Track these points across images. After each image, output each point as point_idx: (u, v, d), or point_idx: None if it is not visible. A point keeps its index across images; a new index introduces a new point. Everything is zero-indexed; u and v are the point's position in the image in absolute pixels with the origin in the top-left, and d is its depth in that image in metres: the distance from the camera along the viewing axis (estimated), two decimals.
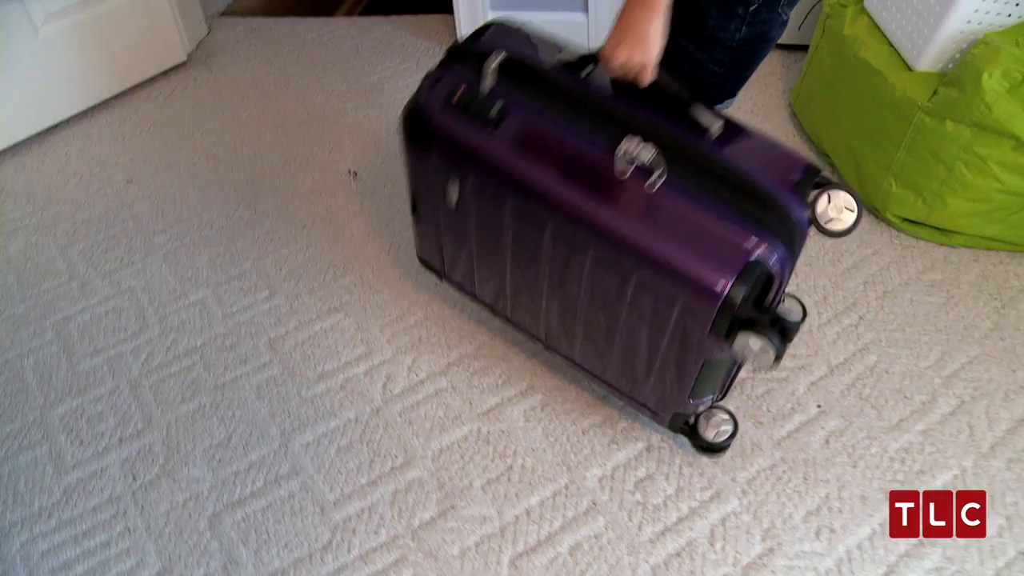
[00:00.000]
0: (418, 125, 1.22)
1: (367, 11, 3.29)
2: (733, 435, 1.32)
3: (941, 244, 1.71)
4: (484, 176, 1.17)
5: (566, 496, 1.34)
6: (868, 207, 1.79)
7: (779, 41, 1.25)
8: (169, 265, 1.81)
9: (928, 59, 1.62)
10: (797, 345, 1.53)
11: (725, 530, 1.29)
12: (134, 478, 1.42)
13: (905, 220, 1.72)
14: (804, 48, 2.16)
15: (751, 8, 1.17)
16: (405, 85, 2.25)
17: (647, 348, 1.17)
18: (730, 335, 1.03)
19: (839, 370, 1.50)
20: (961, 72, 1.53)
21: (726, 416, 1.34)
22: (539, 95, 1.15)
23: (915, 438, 1.39)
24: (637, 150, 1.05)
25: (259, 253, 1.81)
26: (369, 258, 1.77)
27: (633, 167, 1.06)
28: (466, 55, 1.22)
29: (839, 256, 1.70)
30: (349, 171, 1.99)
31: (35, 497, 1.42)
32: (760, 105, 2.11)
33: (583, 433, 1.42)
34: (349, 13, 3.29)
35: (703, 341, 1.07)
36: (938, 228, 1.70)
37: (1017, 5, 1.54)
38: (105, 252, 1.86)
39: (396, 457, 1.41)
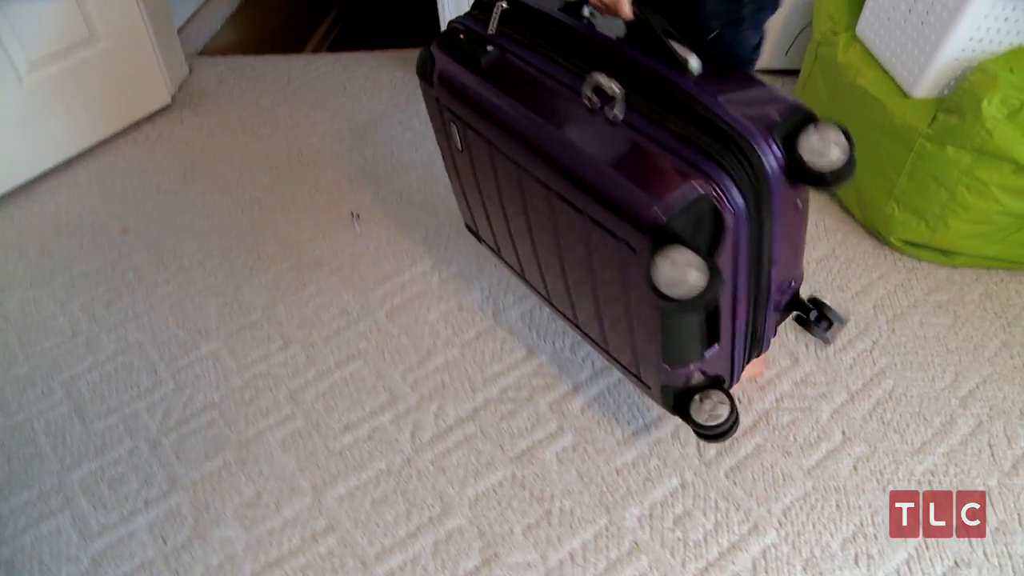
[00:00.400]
0: (426, 70, 1.27)
1: (334, 47, 3.29)
2: (730, 422, 1.21)
3: (943, 265, 1.76)
4: (474, 116, 1.19)
5: (607, 537, 1.35)
6: (870, 231, 1.83)
7: (767, 67, 1.26)
8: (176, 317, 1.79)
9: (925, 86, 1.66)
10: (816, 373, 1.56)
11: (767, 563, 1.31)
12: (164, 541, 1.40)
13: (908, 243, 1.76)
14: (793, 73, 2.20)
15: (711, 36, 1.18)
16: (398, 122, 2.25)
17: (618, 302, 1.14)
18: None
19: (859, 396, 1.52)
20: (959, 99, 1.57)
21: (724, 400, 1.22)
22: (534, 38, 1.17)
23: (939, 460, 1.43)
24: (602, 84, 1.03)
25: (268, 301, 1.79)
26: (381, 301, 1.77)
27: (599, 102, 1.05)
28: (485, 3, 1.24)
29: (846, 282, 1.73)
30: (352, 213, 1.98)
31: (62, 567, 1.39)
32: None
33: (617, 473, 1.43)
34: (316, 50, 3.30)
35: (649, 282, 0.96)
36: (940, 249, 1.74)
37: (1008, 33, 1.58)
38: (107, 306, 1.83)
39: (433, 507, 1.41)
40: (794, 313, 1.30)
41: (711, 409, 1.22)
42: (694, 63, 1.02)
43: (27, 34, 2.08)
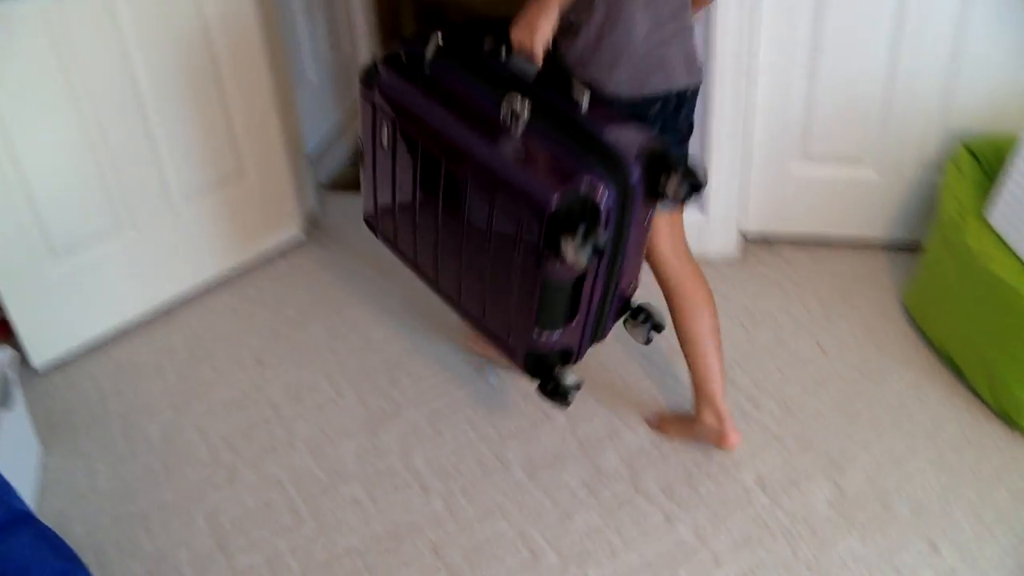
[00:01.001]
0: (369, 79, 1.57)
1: None
2: (578, 385, 1.51)
3: None
4: (407, 118, 1.49)
5: None
6: (1001, 415, 1.84)
7: (884, 239, 1.35)
8: (314, 456, 1.84)
9: None
10: (961, 568, 1.55)
11: None
12: None
13: None
14: (911, 248, 2.26)
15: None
16: None
17: (506, 272, 1.40)
18: (555, 247, 1.25)
19: None
20: None
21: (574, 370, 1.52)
22: (462, 66, 1.50)
23: None
24: (515, 103, 1.34)
25: (404, 447, 1.84)
26: (518, 457, 1.80)
27: (512, 117, 1.34)
28: (423, 37, 1.54)
29: (979, 465, 1.73)
30: (483, 364, 2.03)
31: None
32: (873, 304, 2.18)
33: None
34: None
35: (539, 254, 1.30)
36: None
37: None
38: (247, 439, 1.89)
39: None
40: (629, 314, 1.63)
41: (570, 375, 1.51)
42: (585, 100, 1.35)
43: (186, 166, 2.22)
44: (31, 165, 1.96)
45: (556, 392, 1.50)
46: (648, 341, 1.65)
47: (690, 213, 2.27)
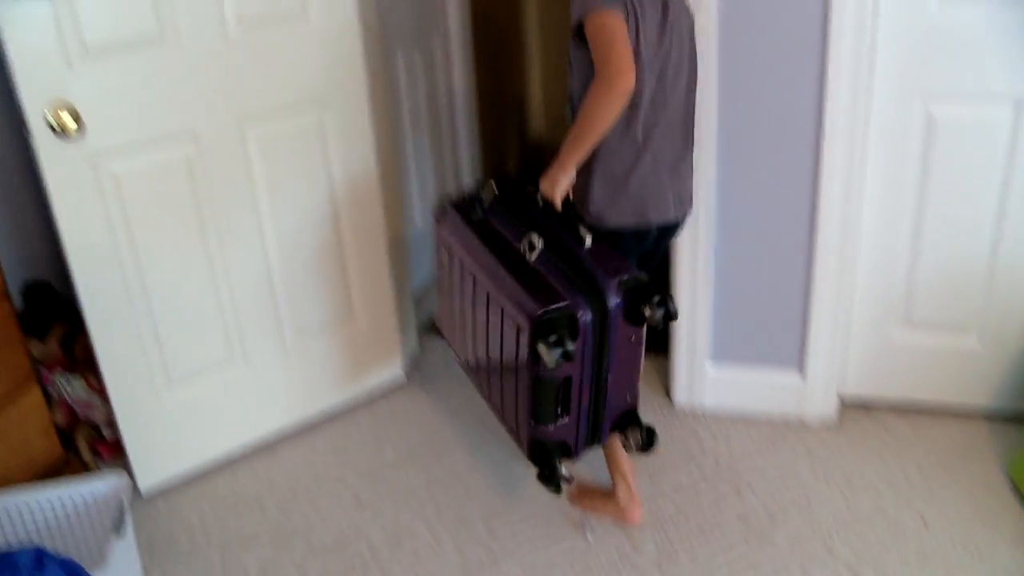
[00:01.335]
0: (439, 215, 2.01)
1: None
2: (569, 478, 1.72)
3: None
4: (459, 247, 1.88)
5: None
6: None
7: (987, 409, 1.32)
8: None
9: None
10: None
11: None
12: None
13: None
14: (1016, 418, 2.22)
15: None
16: None
17: (513, 368, 1.68)
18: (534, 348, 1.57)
19: None
20: None
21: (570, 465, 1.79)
22: (506, 209, 1.90)
23: None
24: (532, 239, 1.71)
25: None
26: None
27: (529, 249, 1.72)
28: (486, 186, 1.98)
29: None
30: (583, 524, 2.04)
31: None
32: (977, 475, 2.13)
33: None
34: None
35: (529, 354, 1.59)
36: None
37: None
38: None
39: None
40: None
41: (564, 468, 1.72)
42: (588, 240, 1.71)
43: (300, 307, 2.34)
44: (159, 297, 2.10)
45: (550, 479, 1.70)
46: (645, 451, 1.79)
47: (789, 376, 2.30)
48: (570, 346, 1.54)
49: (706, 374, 2.38)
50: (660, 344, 2.42)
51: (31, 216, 2.38)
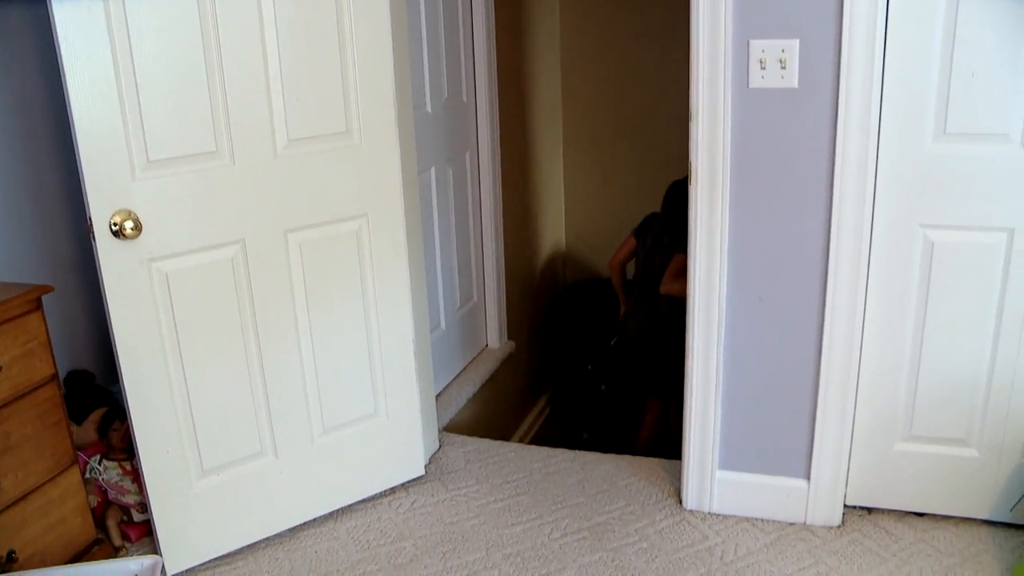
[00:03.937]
0: None
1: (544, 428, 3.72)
2: None
3: None
4: None
5: None
6: None
7: (989, 516, 1.40)
8: None
9: None
10: None
11: None
12: None
13: None
14: (1016, 525, 2.28)
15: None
16: (634, 530, 2.43)
17: None
18: None
19: None
20: None
21: None
22: None
23: None
24: None
25: None
26: None
27: None
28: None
29: None
30: None
31: None
32: None
33: None
34: (522, 440, 3.70)
35: None
36: None
37: None
38: None
39: None
40: None
41: None
42: None
43: (329, 405, 2.47)
44: (198, 391, 2.24)
45: None
46: None
47: (795, 482, 2.40)
48: None
49: (715, 480, 2.48)
50: (672, 451, 2.53)
51: (79, 309, 2.56)
